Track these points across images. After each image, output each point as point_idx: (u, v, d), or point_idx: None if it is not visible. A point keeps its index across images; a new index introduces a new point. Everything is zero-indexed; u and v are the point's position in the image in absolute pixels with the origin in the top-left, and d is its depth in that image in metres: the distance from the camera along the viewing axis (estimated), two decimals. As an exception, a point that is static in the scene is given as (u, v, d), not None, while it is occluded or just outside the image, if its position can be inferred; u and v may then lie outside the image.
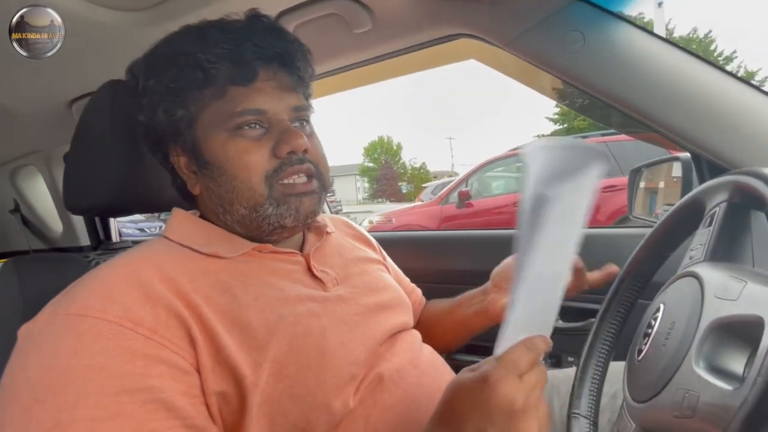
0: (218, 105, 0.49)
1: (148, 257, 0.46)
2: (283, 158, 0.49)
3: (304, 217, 0.51)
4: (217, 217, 0.53)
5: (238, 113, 0.48)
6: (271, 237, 0.53)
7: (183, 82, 0.48)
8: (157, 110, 0.50)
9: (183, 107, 0.49)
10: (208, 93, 0.48)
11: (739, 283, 0.32)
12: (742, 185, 0.39)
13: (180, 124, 0.50)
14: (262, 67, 0.49)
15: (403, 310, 0.62)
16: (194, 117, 0.49)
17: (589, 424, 0.53)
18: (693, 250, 0.43)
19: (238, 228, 0.52)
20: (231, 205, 0.50)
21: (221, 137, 0.49)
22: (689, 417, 0.31)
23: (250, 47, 0.48)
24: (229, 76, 0.48)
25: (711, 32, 16.71)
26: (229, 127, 0.48)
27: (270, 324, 0.45)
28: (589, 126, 13.78)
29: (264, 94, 0.49)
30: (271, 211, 0.49)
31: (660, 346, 0.38)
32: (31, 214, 1.43)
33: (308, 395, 0.43)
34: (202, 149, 0.50)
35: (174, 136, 0.51)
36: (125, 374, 0.35)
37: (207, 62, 0.47)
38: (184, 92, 0.49)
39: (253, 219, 0.50)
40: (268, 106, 0.49)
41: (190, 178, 0.53)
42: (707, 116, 0.61)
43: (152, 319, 0.39)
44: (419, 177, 35.42)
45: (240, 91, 0.48)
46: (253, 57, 0.48)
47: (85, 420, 0.33)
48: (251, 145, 0.48)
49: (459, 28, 0.73)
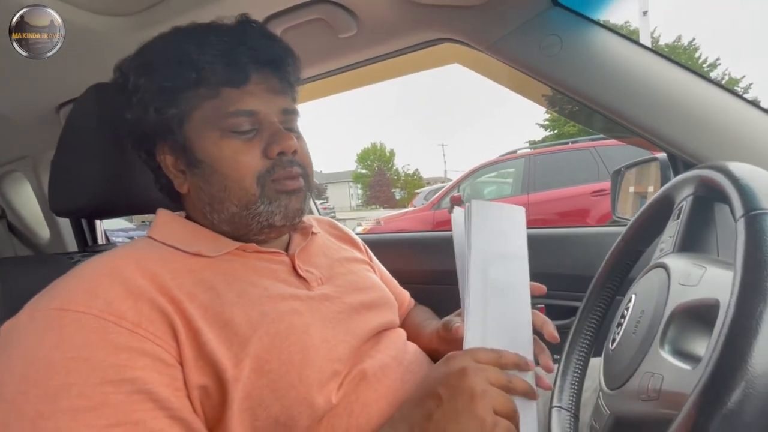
0: (211, 105, 0.50)
1: (131, 254, 0.46)
2: (273, 159, 0.50)
3: (292, 215, 0.52)
4: (204, 216, 0.53)
5: (232, 113, 0.49)
6: (259, 236, 0.54)
7: (176, 81, 0.49)
8: (149, 108, 0.50)
9: (175, 106, 0.50)
10: (201, 93, 0.49)
11: (700, 270, 0.33)
12: (706, 179, 0.40)
13: (171, 123, 0.50)
14: (255, 71, 0.50)
15: (388, 310, 0.63)
16: (186, 116, 0.50)
17: (570, 417, 0.54)
18: (663, 243, 0.45)
19: (225, 227, 0.53)
20: (221, 204, 0.51)
21: (213, 136, 0.49)
22: (655, 399, 0.32)
23: (244, 51, 0.49)
24: (223, 77, 0.49)
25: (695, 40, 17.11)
26: (221, 126, 0.49)
27: (252, 320, 0.45)
28: (579, 132, 13.99)
29: (255, 96, 0.51)
30: (262, 208, 0.50)
31: (630, 334, 0.39)
32: (17, 221, 1.42)
33: (290, 390, 0.44)
34: (194, 148, 0.50)
35: (163, 135, 0.52)
36: (109, 366, 0.36)
37: (202, 63, 0.48)
38: (176, 91, 0.49)
39: (243, 217, 0.51)
40: (259, 107, 0.51)
41: (177, 176, 0.53)
42: (679, 116, 0.63)
43: (135, 313, 0.39)
44: (412, 183, 35.55)
45: (232, 92, 0.49)
46: (247, 60, 0.49)
47: (69, 410, 0.33)
48: (243, 146, 0.50)
49: (441, 33, 0.76)
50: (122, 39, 0.78)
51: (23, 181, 1.36)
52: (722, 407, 0.25)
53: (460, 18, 0.72)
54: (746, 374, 0.24)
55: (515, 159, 4.99)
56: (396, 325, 0.64)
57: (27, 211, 1.42)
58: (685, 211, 0.43)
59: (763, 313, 0.25)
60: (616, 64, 0.66)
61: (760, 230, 0.28)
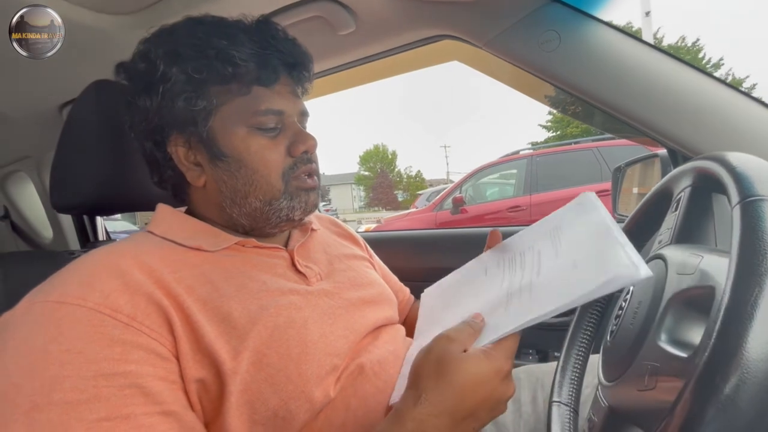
0: (242, 101, 0.50)
1: (130, 248, 0.46)
2: (296, 157, 0.53)
3: (310, 210, 0.56)
4: (220, 209, 0.53)
5: (262, 111, 0.51)
6: (274, 230, 0.56)
7: (209, 74, 0.49)
8: (176, 98, 0.49)
9: (205, 98, 0.50)
10: (233, 89, 0.50)
11: (697, 258, 0.33)
12: (703, 170, 0.40)
13: (197, 115, 0.50)
14: (284, 73, 0.53)
15: (387, 306, 0.63)
16: (214, 109, 0.50)
17: (569, 411, 0.53)
18: (661, 235, 0.45)
19: (243, 220, 0.53)
20: (245, 198, 0.52)
21: (241, 132, 0.51)
22: (652, 389, 0.32)
23: (275, 53, 0.51)
24: (256, 75, 0.50)
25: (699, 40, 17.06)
26: (250, 123, 0.51)
27: (251, 314, 0.45)
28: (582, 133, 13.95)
29: (282, 97, 0.53)
30: (285, 204, 0.53)
31: (628, 326, 0.39)
32: (21, 221, 1.43)
33: (288, 384, 0.43)
34: (219, 142, 0.51)
35: (182, 126, 0.51)
36: (103, 359, 0.36)
37: (238, 59, 0.48)
38: (207, 84, 0.49)
39: (264, 212, 0.52)
40: (285, 108, 0.53)
41: (191, 169, 0.53)
42: (678, 111, 0.63)
43: (131, 307, 0.39)
44: (415, 185, 35.56)
45: (263, 91, 0.51)
46: (278, 63, 0.52)
47: (61, 403, 0.33)
48: (270, 143, 0.52)
49: (440, 30, 0.76)
50: (124, 37, 0.78)
51: (26, 181, 1.37)
52: (718, 394, 0.24)
53: (458, 14, 0.72)
54: (741, 360, 0.24)
55: (517, 160, 4.98)
56: (395, 321, 0.64)
57: (30, 210, 1.43)
58: (683, 203, 0.43)
59: (758, 298, 0.25)
60: (614, 59, 0.66)
61: (756, 216, 0.28)
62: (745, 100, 0.61)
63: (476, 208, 4.95)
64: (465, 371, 0.36)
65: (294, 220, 0.54)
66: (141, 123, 0.53)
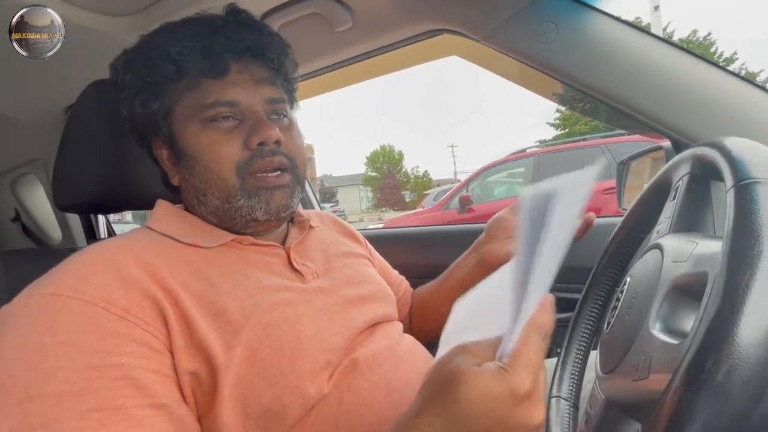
0: (191, 97, 0.50)
1: (127, 243, 0.46)
2: (254, 149, 0.49)
3: (275, 211, 0.51)
4: (194, 207, 0.54)
5: (210, 105, 0.49)
6: (246, 230, 0.54)
7: (157, 75, 0.49)
8: (134, 103, 0.51)
9: (158, 100, 0.50)
10: (182, 86, 0.50)
11: (691, 245, 0.32)
12: (701, 157, 0.39)
13: (157, 117, 0.51)
14: (234, 60, 0.50)
15: (385, 302, 0.63)
16: (169, 109, 0.51)
17: (569, 406, 0.53)
18: (660, 224, 0.44)
19: (212, 219, 0.53)
20: (205, 196, 0.51)
21: (194, 128, 0.50)
22: (645, 378, 0.31)
23: (221, 40, 0.49)
24: (201, 68, 0.49)
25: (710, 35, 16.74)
26: (201, 118, 0.49)
27: (245, 310, 0.45)
28: (590, 130, 13.79)
29: (236, 86, 0.50)
30: (242, 202, 0.50)
31: (624, 317, 0.38)
32: (31, 222, 1.46)
33: (281, 379, 0.43)
34: (178, 140, 0.51)
35: (153, 129, 0.53)
36: (96, 350, 0.36)
37: (178, 55, 0.48)
38: (158, 85, 0.50)
39: (226, 210, 0.51)
40: (241, 97, 0.50)
41: (170, 170, 0.54)
42: (680, 100, 0.61)
43: (126, 301, 0.39)
44: (422, 185, 35.45)
45: (212, 83, 0.49)
46: (223, 50, 0.49)
47: (54, 394, 0.33)
48: (223, 137, 0.49)
49: (437, 24, 0.75)
50: (128, 39, 0.79)
51: (36, 183, 1.40)
52: (709, 381, 0.24)
53: (454, 7, 0.71)
54: (733, 346, 0.23)
55: (525, 158, 4.94)
56: (393, 318, 0.63)
57: (40, 212, 1.46)
58: (681, 191, 0.42)
59: (750, 281, 0.24)
60: (613, 49, 0.65)
61: (749, 198, 0.27)
62: (749, 88, 0.59)
63: (484, 207, 4.92)
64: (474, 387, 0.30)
65: (258, 220, 0.51)
66: (131, 131, 0.55)
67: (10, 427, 0.32)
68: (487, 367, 0.30)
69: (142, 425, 0.35)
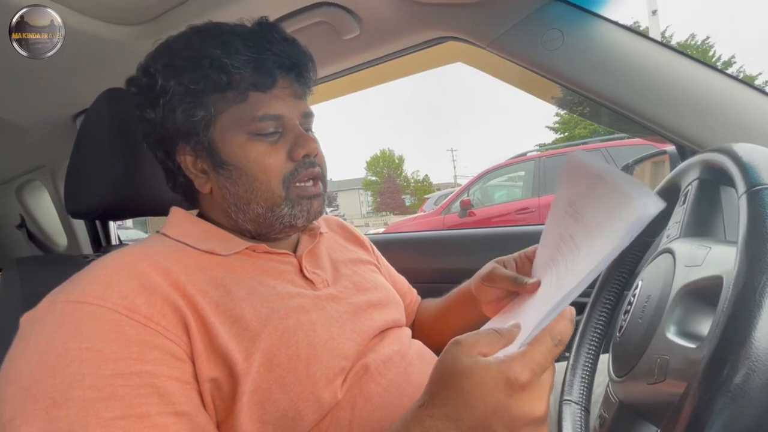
0: (239, 108, 0.51)
1: (146, 251, 0.47)
2: (297, 161, 0.52)
3: (313, 217, 0.55)
4: (227, 215, 0.54)
5: (259, 117, 0.51)
6: (279, 235, 0.56)
7: (205, 84, 0.50)
8: (176, 110, 0.51)
9: (203, 108, 0.51)
10: (230, 97, 0.50)
11: (705, 250, 0.33)
12: (711, 162, 0.40)
13: (198, 125, 0.51)
14: (281, 76, 0.52)
15: (394, 308, 0.63)
16: (213, 118, 0.51)
17: (580, 410, 0.53)
18: (669, 229, 0.44)
19: (249, 226, 0.54)
20: (248, 205, 0.52)
21: (240, 139, 0.51)
22: (662, 381, 0.31)
23: (271, 56, 0.50)
24: (252, 81, 0.50)
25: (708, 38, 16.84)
26: (249, 130, 0.51)
27: (261, 316, 0.46)
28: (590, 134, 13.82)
29: (281, 100, 0.52)
30: (286, 211, 0.52)
31: (637, 320, 0.38)
32: (36, 229, 1.46)
33: (298, 385, 0.44)
34: (220, 150, 0.52)
35: (186, 136, 0.52)
36: (120, 358, 0.36)
37: (232, 67, 0.49)
38: (205, 94, 0.50)
39: (267, 218, 0.53)
40: (284, 112, 0.52)
41: (198, 176, 0.54)
42: (685, 105, 0.62)
43: (148, 308, 0.40)
44: (422, 189, 35.48)
45: (260, 96, 0.51)
46: (274, 66, 0.51)
47: (80, 400, 0.34)
48: (270, 149, 0.51)
49: (443, 31, 0.76)
50: (135, 48, 0.80)
51: (42, 190, 1.41)
52: (727, 384, 0.24)
53: (461, 15, 0.72)
54: (751, 349, 0.24)
55: (525, 162, 4.96)
56: (402, 324, 0.64)
57: (45, 219, 1.46)
58: (691, 196, 0.42)
59: (766, 285, 0.25)
60: (618, 56, 0.66)
61: (763, 204, 0.27)
62: (752, 93, 0.60)
63: (484, 210, 4.93)
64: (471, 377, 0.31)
65: (297, 227, 0.54)
66: (150, 134, 0.55)
67: None
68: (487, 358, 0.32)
69: None
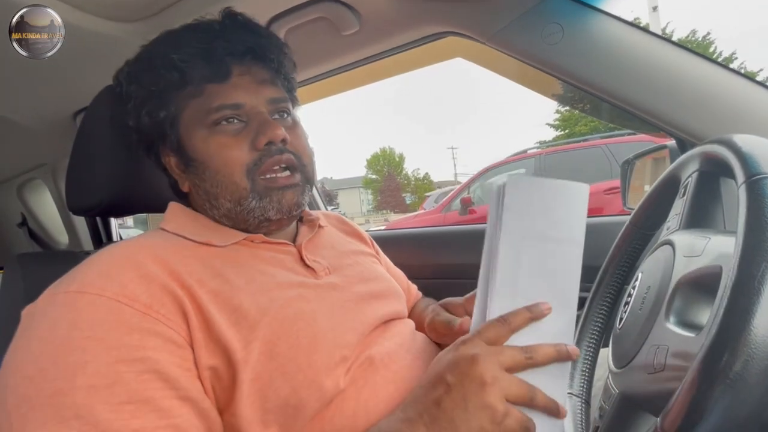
0: (197, 103, 0.50)
1: (144, 243, 0.47)
2: (261, 150, 0.50)
3: (287, 209, 0.52)
4: (206, 212, 0.55)
5: (215, 109, 0.50)
6: (260, 230, 0.55)
7: (162, 83, 0.50)
8: (141, 113, 0.52)
9: (164, 108, 0.51)
10: (187, 92, 0.50)
11: (704, 240, 0.33)
12: (710, 154, 0.40)
13: (164, 125, 0.52)
14: (235, 63, 0.51)
15: (396, 300, 0.63)
16: (176, 117, 0.51)
17: (581, 403, 0.53)
18: (669, 221, 0.44)
19: (225, 221, 0.54)
20: (216, 200, 0.52)
21: (202, 134, 0.50)
22: (661, 371, 0.32)
23: (221, 44, 0.49)
24: (205, 74, 0.49)
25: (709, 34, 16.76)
26: (208, 123, 0.50)
27: (261, 306, 0.46)
28: (590, 131, 13.80)
29: (240, 88, 0.51)
30: (254, 204, 0.50)
31: (637, 311, 0.39)
32: (38, 227, 1.47)
33: (299, 373, 0.44)
34: (186, 147, 0.52)
35: (161, 138, 0.53)
36: (123, 345, 0.37)
37: (181, 62, 0.48)
38: (163, 93, 0.50)
39: (238, 212, 0.52)
40: (245, 99, 0.51)
41: (180, 176, 0.55)
42: (685, 99, 0.62)
43: (147, 297, 0.40)
44: (423, 187, 35.46)
45: (216, 88, 0.50)
46: (224, 54, 0.49)
47: (85, 387, 0.34)
48: (230, 140, 0.50)
49: (442, 26, 0.76)
50: (134, 45, 0.80)
51: (42, 188, 1.41)
52: (726, 371, 0.24)
53: (461, 11, 0.72)
54: (749, 336, 0.24)
55: (526, 159, 4.95)
56: (404, 316, 0.64)
57: (46, 217, 1.47)
58: (690, 188, 0.42)
59: (765, 273, 0.25)
60: (618, 50, 0.66)
61: (762, 194, 0.27)
62: (753, 86, 0.60)
63: (485, 208, 4.93)
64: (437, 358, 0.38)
65: (271, 220, 0.52)
66: (137, 141, 0.56)
67: (43, 420, 0.33)
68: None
69: (172, 416, 0.36)
